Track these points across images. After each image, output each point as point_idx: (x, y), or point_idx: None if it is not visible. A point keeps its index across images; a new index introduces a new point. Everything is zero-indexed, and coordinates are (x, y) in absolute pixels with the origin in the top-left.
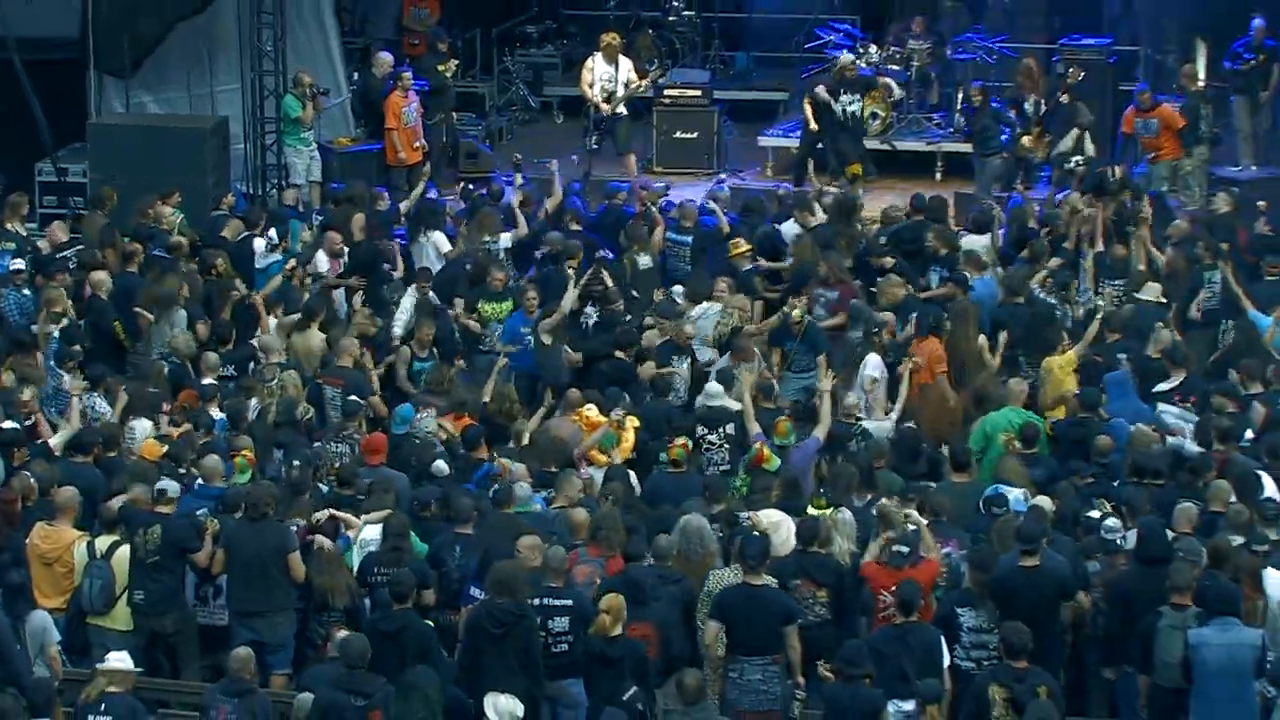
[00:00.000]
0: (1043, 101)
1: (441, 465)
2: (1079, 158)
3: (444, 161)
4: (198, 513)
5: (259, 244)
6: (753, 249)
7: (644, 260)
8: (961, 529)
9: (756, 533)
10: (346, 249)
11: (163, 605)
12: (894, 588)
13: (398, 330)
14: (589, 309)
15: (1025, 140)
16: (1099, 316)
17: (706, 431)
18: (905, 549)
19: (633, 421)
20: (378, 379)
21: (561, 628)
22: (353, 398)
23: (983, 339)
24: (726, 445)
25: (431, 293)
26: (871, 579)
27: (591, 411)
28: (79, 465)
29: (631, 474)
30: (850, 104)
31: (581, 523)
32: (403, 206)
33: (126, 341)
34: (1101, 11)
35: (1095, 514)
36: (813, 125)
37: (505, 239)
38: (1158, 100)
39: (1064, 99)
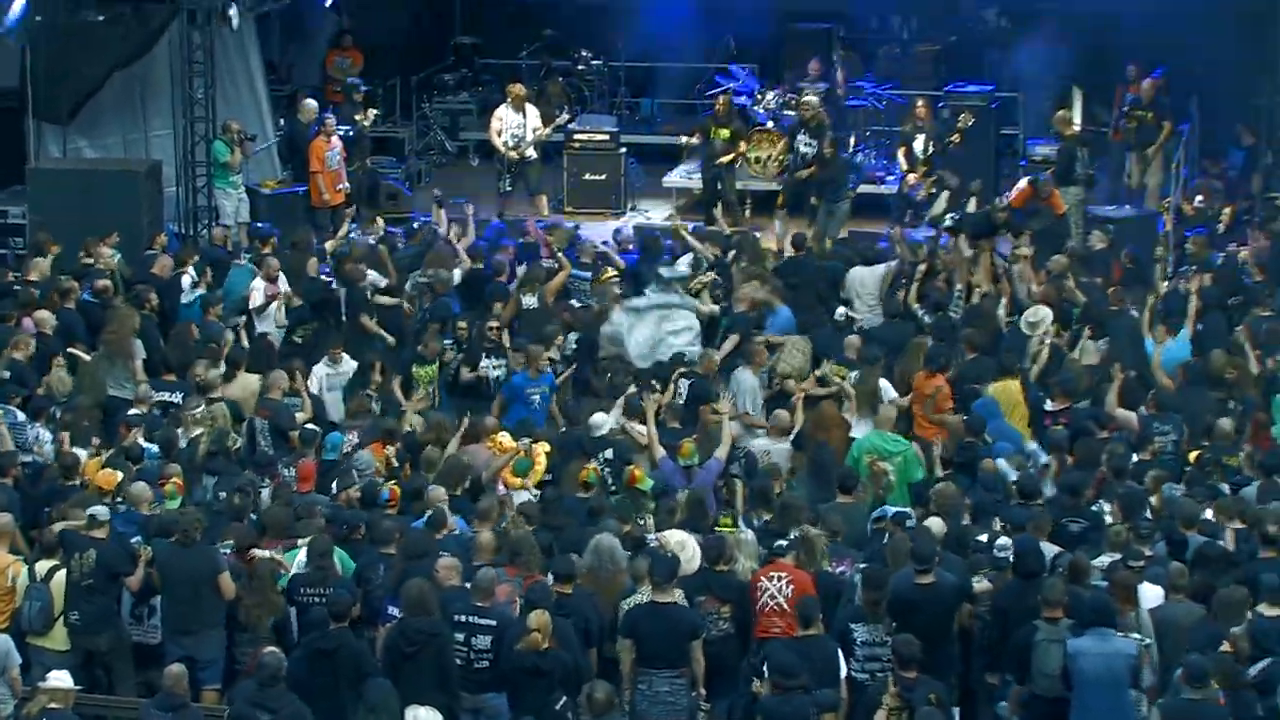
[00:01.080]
0: (932, 143)
1: (334, 486)
2: (953, 215)
3: (362, 203)
4: (132, 540)
5: (186, 280)
6: (620, 275)
7: (529, 300)
8: (852, 548)
9: (667, 554)
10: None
11: (96, 625)
12: (770, 576)
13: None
14: (490, 360)
15: (910, 178)
16: (1048, 341)
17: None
18: (784, 543)
19: (543, 447)
20: None
21: (483, 645)
22: (309, 426)
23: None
24: (607, 469)
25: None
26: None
27: (504, 438)
28: None
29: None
30: (804, 145)
31: (487, 544)
32: (328, 246)
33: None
34: (983, 61)
35: (983, 537)
36: (682, 141)
37: (456, 274)
38: (1052, 190)
39: (955, 141)
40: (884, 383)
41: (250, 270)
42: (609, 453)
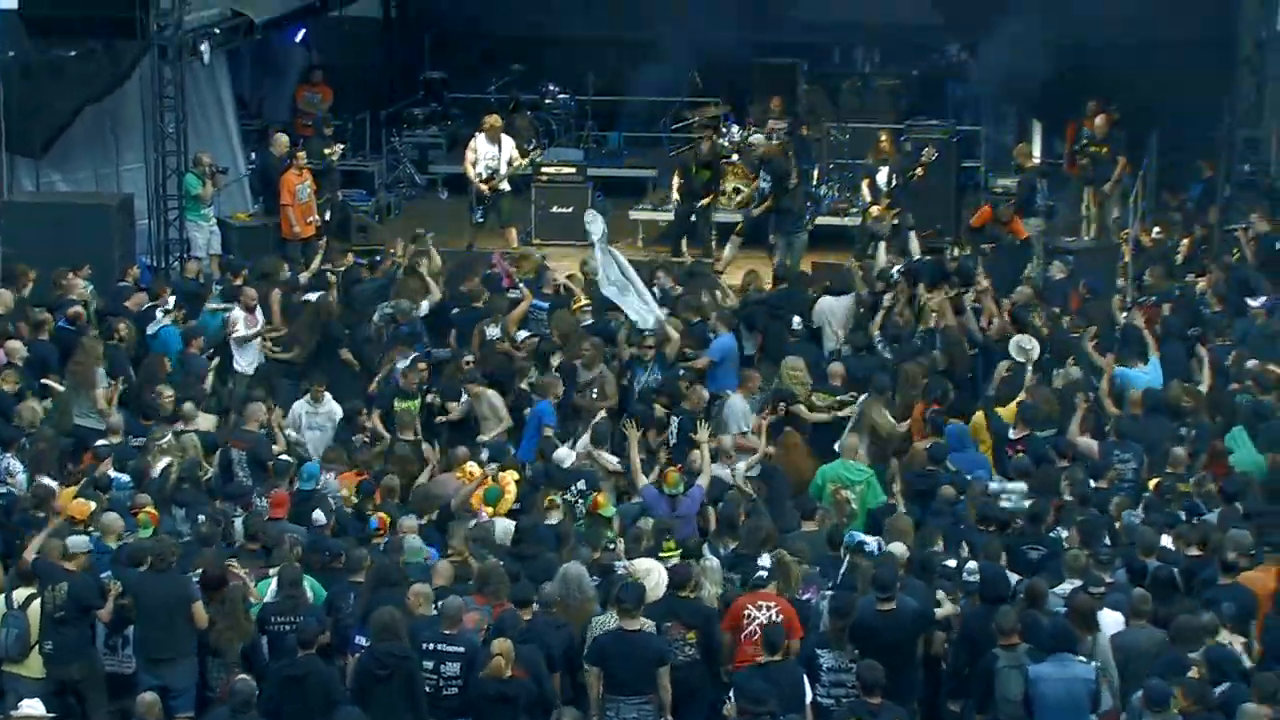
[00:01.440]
0: (895, 175)
1: (319, 515)
2: (899, 266)
3: (332, 236)
4: (102, 575)
5: (160, 313)
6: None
7: (492, 331)
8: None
9: (634, 581)
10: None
11: (68, 655)
12: (758, 604)
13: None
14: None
15: (874, 210)
16: (1030, 369)
17: (560, 494)
18: (764, 573)
19: (512, 475)
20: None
21: (453, 672)
22: (284, 457)
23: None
24: (580, 501)
25: None
26: (733, 601)
27: (472, 466)
28: None
29: (513, 524)
30: (763, 181)
31: (445, 571)
32: (302, 278)
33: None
34: (945, 95)
35: (952, 562)
36: (675, 195)
37: (424, 306)
38: (1013, 214)
39: (917, 175)
40: (884, 411)
41: (221, 310)
42: (581, 483)
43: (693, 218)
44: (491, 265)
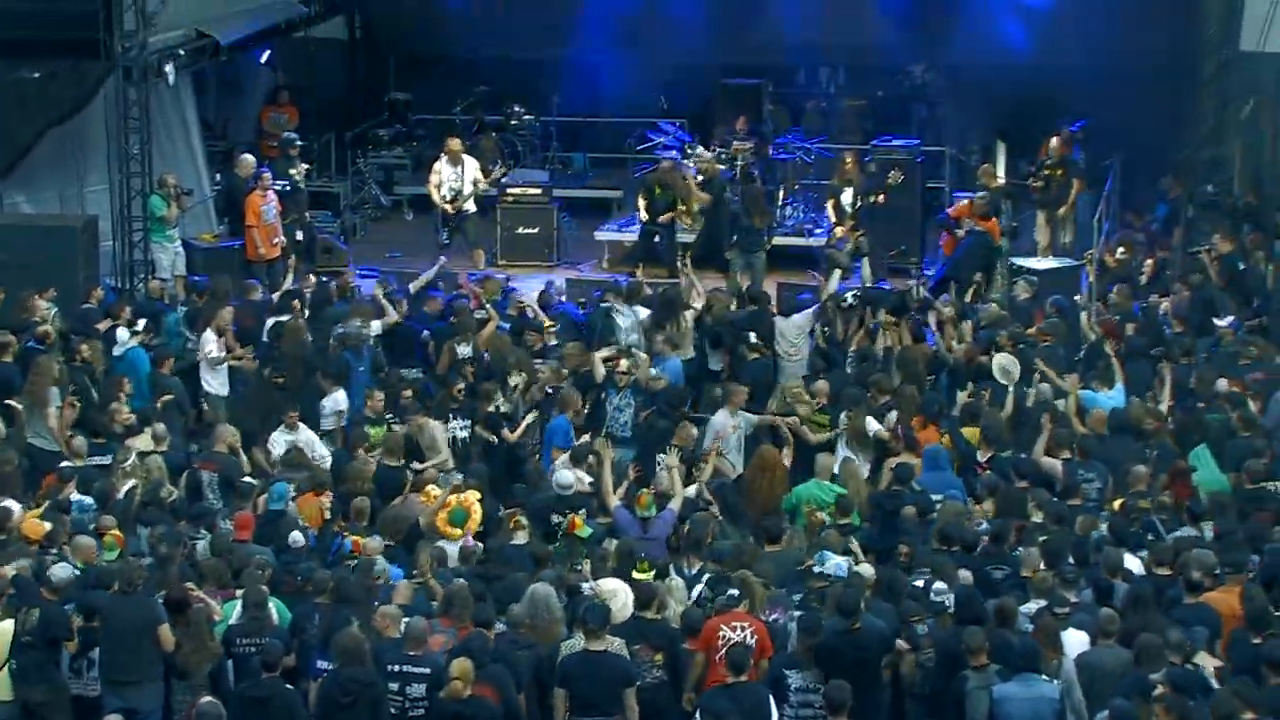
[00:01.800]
0: (859, 197)
1: (297, 536)
2: (851, 294)
3: (298, 256)
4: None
5: (121, 333)
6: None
7: (464, 349)
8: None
9: (599, 601)
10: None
11: (34, 676)
12: (732, 625)
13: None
14: (457, 421)
15: (838, 231)
16: (1011, 391)
17: (560, 520)
18: (735, 593)
19: (474, 495)
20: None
21: (419, 694)
22: (247, 479)
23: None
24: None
25: None
26: (705, 622)
27: (433, 488)
28: None
29: (480, 545)
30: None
31: (403, 590)
32: (274, 298)
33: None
34: (910, 115)
35: (920, 582)
36: (643, 216)
37: (375, 326)
38: (989, 214)
39: (880, 200)
40: (870, 420)
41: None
42: (584, 511)
43: (656, 237)
44: (458, 286)
